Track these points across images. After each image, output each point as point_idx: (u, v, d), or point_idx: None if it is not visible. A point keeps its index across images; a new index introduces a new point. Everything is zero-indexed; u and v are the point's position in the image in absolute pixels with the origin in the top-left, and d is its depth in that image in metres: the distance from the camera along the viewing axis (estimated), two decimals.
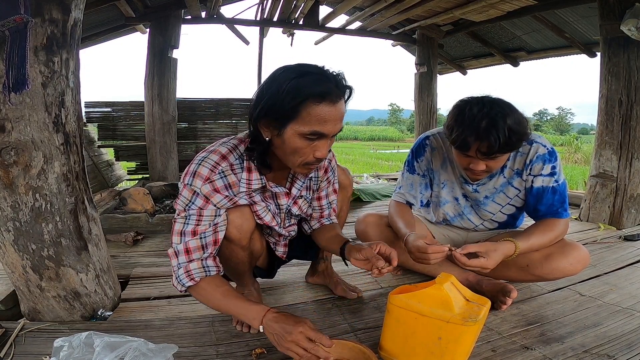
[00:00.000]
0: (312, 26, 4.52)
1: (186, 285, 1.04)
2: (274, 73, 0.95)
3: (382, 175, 5.20)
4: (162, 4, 3.85)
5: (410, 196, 1.50)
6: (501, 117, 1.11)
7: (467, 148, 1.18)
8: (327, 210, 1.31)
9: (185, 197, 1.04)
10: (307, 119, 0.91)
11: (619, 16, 2.36)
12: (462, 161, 1.26)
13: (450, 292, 0.97)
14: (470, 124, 1.13)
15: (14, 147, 1.12)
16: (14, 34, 1.02)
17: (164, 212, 2.79)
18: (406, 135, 35.28)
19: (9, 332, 1.14)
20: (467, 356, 1.00)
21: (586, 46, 3.99)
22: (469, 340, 0.96)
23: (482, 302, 1.00)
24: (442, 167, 1.46)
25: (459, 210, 1.50)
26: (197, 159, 1.04)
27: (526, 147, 1.29)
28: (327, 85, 0.90)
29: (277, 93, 0.90)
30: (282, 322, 0.93)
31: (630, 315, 1.29)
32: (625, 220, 2.48)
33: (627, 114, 2.43)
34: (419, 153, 1.47)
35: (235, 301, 1.01)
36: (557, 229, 1.30)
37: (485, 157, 1.18)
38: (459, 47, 5.33)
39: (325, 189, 1.28)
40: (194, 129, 4.56)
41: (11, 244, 1.19)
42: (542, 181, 1.29)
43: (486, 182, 1.39)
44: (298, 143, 0.94)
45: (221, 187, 1.04)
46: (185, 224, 1.04)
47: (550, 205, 1.30)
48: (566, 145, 14.18)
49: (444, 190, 1.48)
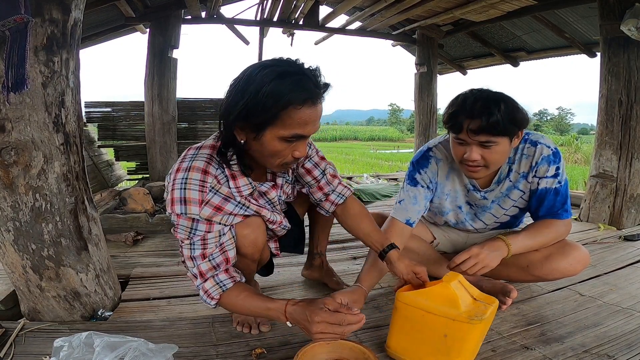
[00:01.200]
0: (312, 26, 4.52)
1: (211, 304, 1.02)
2: (249, 72, 0.89)
3: (382, 175, 5.21)
4: (162, 4, 3.85)
5: (413, 210, 1.40)
6: (494, 99, 1.13)
7: (459, 127, 1.17)
8: (323, 180, 1.23)
9: (185, 226, 0.99)
10: (288, 123, 0.88)
11: (619, 16, 2.36)
12: (458, 152, 1.23)
13: (458, 290, 0.97)
14: (463, 104, 1.16)
15: (14, 147, 1.12)
16: (14, 34, 1.02)
17: (164, 212, 2.79)
18: (406, 135, 35.28)
19: (9, 332, 1.14)
20: (474, 354, 1.00)
21: (586, 46, 3.99)
22: (475, 339, 0.96)
23: (489, 301, 1.00)
24: (447, 178, 1.41)
25: (461, 218, 1.49)
26: (178, 184, 0.96)
27: (531, 149, 1.28)
28: (308, 88, 0.87)
29: (256, 97, 0.85)
30: (300, 315, 0.91)
31: (630, 315, 1.29)
32: (625, 220, 2.48)
33: (627, 114, 2.43)
34: (422, 164, 1.41)
35: (256, 304, 0.98)
36: (555, 229, 1.29)
37: (476, 136, 1.14)
38: (459, 47, 5.33)
39: (309, 161, 1.21)
40: (194, 129, 4.56)
41: (11, 244, 1.19)
42: (545, 183, 1.28)
43: (494, 189, 1.37)
44: (277, 146, 0.92)
45: (221, 202, 1.01)
46: (192, 250, 1.01)
47: (551, 207, 1.29)
48: (566, 145, 14.16)
49: (447, 201, 1.45)
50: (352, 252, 2.03)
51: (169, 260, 1.89)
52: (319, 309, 0.89)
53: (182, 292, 1.53)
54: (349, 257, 1.97)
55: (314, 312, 0.89)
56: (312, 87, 0.88)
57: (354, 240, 1.82)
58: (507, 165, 1.32)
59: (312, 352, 0.98)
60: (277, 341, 1.15)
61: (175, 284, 1.61)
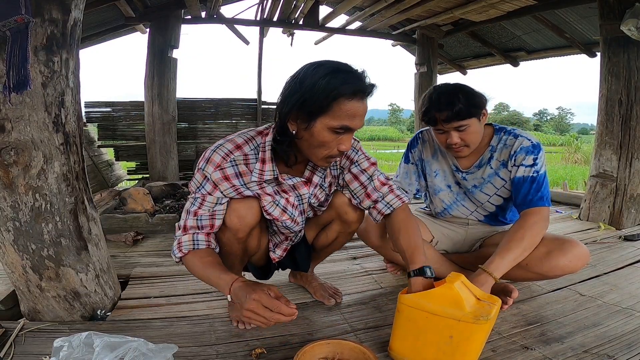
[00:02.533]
0: (312, 26, 4.53)
1: (176, 255, 1.11)
2: (305, 69, 0.99)
3: None
4: (162, 4, 3.86)
5: (405, 184, 1.62)
6: (452, 89, 1.32)
7: (433, 121, 1.35)
8: (370, 186, 1.21)
9: (197, 180, 1.11)
10: (338, 114, 0.96)
11: (619, 16, 2.36)
12: (441, 139, 1.40)
13: (461, 291, 0.97)
14: (430, 101, 1.35)
15: (14, 147, 1.12)
16: (15, 34, 1.02)
17: (164, 212, 2.79)
18: (406, 135, 35.27)
19: (9, 332, 1.14)
20: (478, 355, 0.99)
21: (586, 46, 3.99)
22: (480, 339, 0.96)
23: (492, 301, 0.99)
24: (434, 157, 1.57)
25: (452, 197, 1.57)
26: (214, 146, 1.11)
27: (512, 140, 1.38)
28: (358, 83, 0.96)
29: (312, 88, 0.94)
30: (241, 292, 0.94)
31: (630, 315, 1.29)
32: (625, 220, 2.48)
33: (627, 114, 2.43)
34: (412, 145, 1.63)
35: (212, 271, 1.03)
36: (526, 230, 1.23)
37: (448, 124, 1.31)
38: (459, 47, 5.33)
39: (356, 166, 1.22)
40: (194, 129, 4.57)
41: (11, 244, 1.19)
42: (523, 171, 1.33)
43: (474, 172, 1.47)
44: (326, 136, 0.99)
45: (231, 174, 1.09)
46: (192, 204, 1.11)
47: (525, 194, 1.30)
48: (566, 145, 14.17)
49: (437, 179, 1.57)
50: (352, 252, 2.03)
51: (168, 260, 1.89)
52: (261, 290, 0.93)
53: (182, 291, 1.53)
54: (349, 257, 1.97)
55: (255, 291, 0.92)
56: (361, 83, 0.97)
57: (354, 240, 1.82)
58: (490, 152, 1.43)
59: (312, 352, 0.99)
60: (277, 341, 1.15)
61: (175, 284, 1.60)
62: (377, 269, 1.78)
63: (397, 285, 1.60)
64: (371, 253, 1.95)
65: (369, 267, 1.82)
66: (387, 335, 1.08)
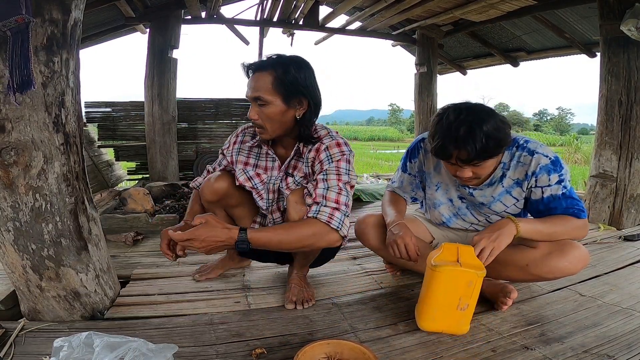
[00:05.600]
0: (312, 26, 4.52)
1: (190, 185, 1.58)
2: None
3: (382, 176, 5.21)
4: (162, 4, 3.85)
5: (401, 191, 1.61)
6: (477, 124, 1.12)
7: (447, 156, 1.20)
8: (315, 194, 1.23)
9: (219, 160, 1.53)
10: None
11: (619, 16, 2.36)
12: (450, 169, 1.30)
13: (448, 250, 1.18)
14: (448, 133, 1.15)
15: (14, 147, 1.12)
16: (15, 35, 1.02)
17: (164, 212, 2.79)
18: (406, 135, 35.26)
19: (9, 332, 1.14)
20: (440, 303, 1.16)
21: (586, 46, 3.99)
22: (439, 286, 1.16)
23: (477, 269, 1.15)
24: (436, 169, 1.47)
25: (453, 211, 1.50)
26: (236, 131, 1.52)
27: (527, 157, 1.27)
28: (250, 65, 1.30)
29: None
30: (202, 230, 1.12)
31: (630, 315, 1.29)
32: (625, 221, 2.48)
33: (627, 114, 2.43)
34: (413, 155, 1.54)
35: (195, 205, 1.51)
36: (572, 223, 1.25)
37: (466, 164, 1.19)
38: (459, 47, 5.33)
39: (322, 173, 1.26)
40: (194, 129, 4.56)
41: (11, 244, 1.19)
42: (550, 191, 1.27)
43: (484, 189, 1.38)
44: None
45: (239, 141, 1.47)
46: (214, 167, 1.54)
47: (565, 209, 1.27)
48: (566, 145, 14.14)
49: (438, 192, 1.49)
50: (353, 253, 2.04)
51: (169, 261, 1.89)
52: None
53: (182, 291, 1.53)
54: (349, 257, 1.97)
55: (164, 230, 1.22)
56: (250, 64, 1.27)
57: (354, 241, 1.82)
58: (501, 170, 1.32)
59: (312, 352, 0.99)
60: (277, 341, 1.15)
61: (175, 284, 1.60)
62: (377, 269, 1.78)
63: (397, 286, 1.60)
64: (371, 253, 1.95)
65: (369, 267, 1.82)
66: (387, 335, 1.08)
